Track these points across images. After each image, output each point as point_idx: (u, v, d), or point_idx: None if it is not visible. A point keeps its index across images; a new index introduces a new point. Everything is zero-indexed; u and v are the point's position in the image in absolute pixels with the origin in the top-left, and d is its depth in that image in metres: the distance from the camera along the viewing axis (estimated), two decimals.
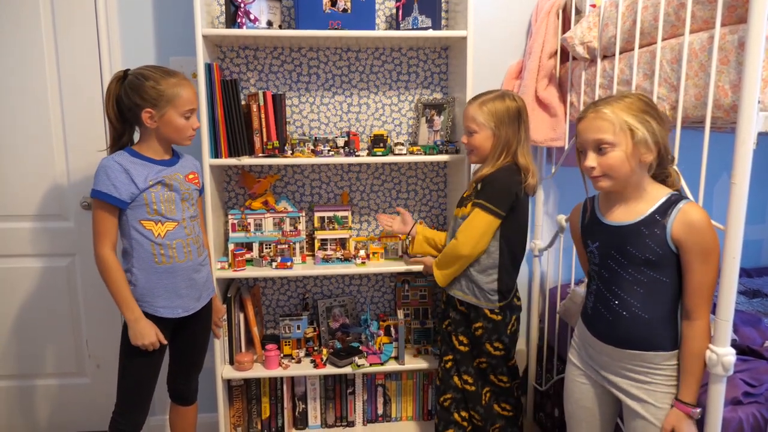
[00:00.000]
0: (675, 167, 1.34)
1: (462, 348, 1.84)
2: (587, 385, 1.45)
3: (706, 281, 1.23)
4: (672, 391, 1.29)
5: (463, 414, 1.89)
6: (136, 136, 1.69)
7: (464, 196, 1.85)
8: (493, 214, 1.68)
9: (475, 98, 1.78)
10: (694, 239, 1.21)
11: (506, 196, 1.69)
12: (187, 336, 1.77)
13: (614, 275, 1.34)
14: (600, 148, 1.27)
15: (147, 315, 1.61)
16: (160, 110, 1.57)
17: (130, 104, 1.58)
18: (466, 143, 1.80)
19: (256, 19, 1.94)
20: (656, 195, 1.29)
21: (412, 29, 2.02)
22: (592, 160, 1.29)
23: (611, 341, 1.35)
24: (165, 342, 1.63)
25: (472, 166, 1.99)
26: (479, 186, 1.74)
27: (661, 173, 1.32)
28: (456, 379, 1.88)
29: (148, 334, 1.58)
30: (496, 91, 1.78)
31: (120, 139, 1.65)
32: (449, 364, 1.89)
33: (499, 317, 1.77)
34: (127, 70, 1.63)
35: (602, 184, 1.31)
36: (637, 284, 1.30)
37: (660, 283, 1.28)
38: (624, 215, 1.32)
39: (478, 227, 1.69)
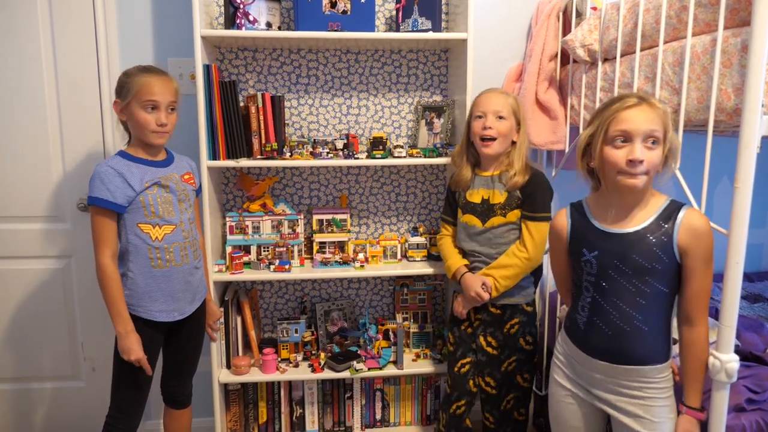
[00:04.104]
0: None
1: (490, 350, 1.82)
2: (574, 405, 1.40)
3: (707, 285, 1.22)
4: (667, 404, 1.27)
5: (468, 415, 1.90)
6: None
7: (486, 201, 1.78)
8: (547, 220, 1.73)
9: (493, 89, 1.82)
10: (700, 245, 1.20)
11: (550, 200, 1.77)
12: (181, 339, 1.76)
13: (615, 286, 1.28)
14: (653, 141, 1.20)
15: (142, 320, 1.60)
16: (123, 100, 1.56)
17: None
18: (494, 128, 1.73)
19: (255, 21, 1.93)
20: (655, 201, 1.26)
21: (412, 31, 2.01)
22: (641, 152, 1.18)
23: (607, 357, 1.30)
24: (150, 370, 1.61)
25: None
26: (518, 194, 1.74)
27: None
28: (471, 383, 1.87)
29: (135, 350, 1.56)
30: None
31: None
32: (465, 368, 1.86)
33: (532, 309, 1.82)
34: None
35: (638, 183, 1.20)
36: (639, 295, 1.26)
37: (660, 294, 1.25)
38: (626, 222, 1.27)
39: (543, 235, 1.72)
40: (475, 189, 1.82)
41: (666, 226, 1.23)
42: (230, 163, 1.94)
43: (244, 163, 1.95)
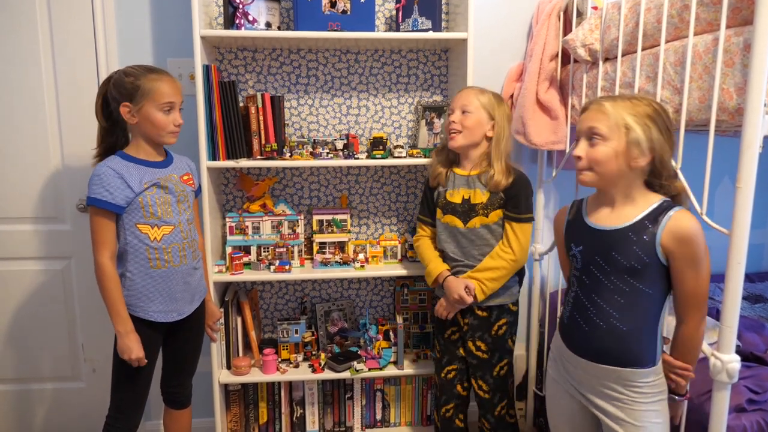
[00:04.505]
0: (683, 183, 1.27)
1: (480, 354, 1.81)
2: (565, 400, 1.40)
3: (699, 287, 1.20)
4: (653, 408, 1.25)
5: (461, 416, 1.92)
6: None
7: (467, 201, 1.78)
8: (531, 221, 1.77)
9: (471, 86, 1.83)
10: (685, 249, 1.18)
11: (531, 201, 1.78)
12: (180, 339, 1.75)
13: (595, 282, 1.29)
14: (591, 138, 1.26)
15: (141, 320, 1.59)
16: (137, 104, 1.55)
17: (112, 100, 1.58)
18: (458, 122, 1.75)
19: (254, 21, 1.92)
20: (648, 201, 1.25)
21: (412, 31, 2.00)
22: (580, 149, 1.28)
23: (587, 355, 1.30)
24: (145, 362, 1.60)
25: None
26: (501, 194, 1.74)
27: (664, 188, 1.27)
28: (459, 387, 1.89)
29: (135, 350, 1.56)
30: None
31: (107, 138, 1.64)
32: (452, 374, 1.89)
33: (517, 308, 1.83)
34: (119, 70, 1.62)
35: (584, 178, 1.28)
36: (618, 293, 1.26)
37: (642, 295, 1.24)
38: (612, 220, 1.28)
39: (528, 236, 1.76)
40: (456, 189, 1.82)
41: (651, 226, 1.21)
42: (230, 163, 1.94)
43: (243, 163, 1.95)
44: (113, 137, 1.65)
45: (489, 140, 1.77)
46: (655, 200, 1.25)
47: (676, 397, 1.29)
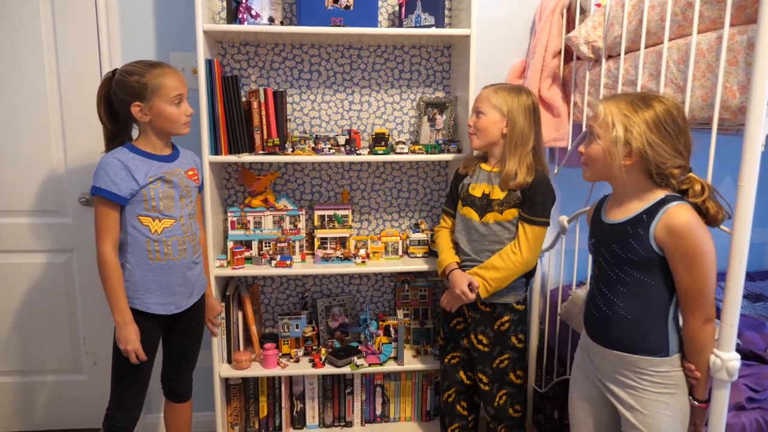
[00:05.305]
0: (698, 179, 1.24)
1: (481, 347, 1.82)
2: (587, 387, 1.43)
3: (694, 286, 1.19)
4: (664, 400, 1.25)
5: (463, 404, 1.94)
6: (135, 134, 1.67)
7: (486, 196, 1.77)
8: (546, 225, 1.74)
9: (491, 84, 1.80)
10: (677, 243, 1.18)
11: (551, 205, 1.76)
12: (180, 333, 1.76)
13: (602, 273, 1.35)
14: (591, 135, 1.31)
15: (139, 312, 1.60)
16: (147, 102, 1.55)
17: (119, 102, 1.58)
18: (472, 125, 1.78)
19: (257, 15, 1.92)
20: (652, 195, 1.26)
21: (415, 27, 2.00)
22: (582, 146, 1.35)
23: (600, 341, 1.35)
24: (145, 358, 1.60)
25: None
26: (518, 194, 1.72)
27: (671, 186, 1.24)
28: (462, 374, 1.91)
29: (132, 341, 1.56)
30: (512, 84, 1.82)
31: (114, 139, 1.65)
32: (455, 360, 1.92)
33: (523, 307, 1.82)
34: (116, 69, 1.62)
35: (583, 173, 1.36)
36: (620, 283, 1.30)
37: (644, 285, 1.26)
38: (619, 214, 1.32)
39: (539, 240, 1.74)
40: (479, 183, 1.82)
41: (647, 220, 1.23)
42: (232, 158, 1.94)
43: (245, 158, 1.95)
44: (119, 137, 1.65)
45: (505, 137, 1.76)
46: (659, 194, 1.25)
47: (693, 401, 1.27)
